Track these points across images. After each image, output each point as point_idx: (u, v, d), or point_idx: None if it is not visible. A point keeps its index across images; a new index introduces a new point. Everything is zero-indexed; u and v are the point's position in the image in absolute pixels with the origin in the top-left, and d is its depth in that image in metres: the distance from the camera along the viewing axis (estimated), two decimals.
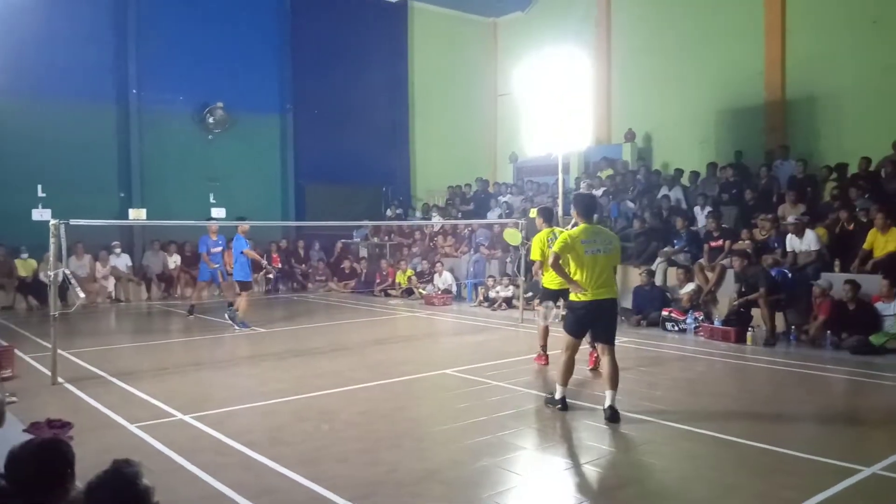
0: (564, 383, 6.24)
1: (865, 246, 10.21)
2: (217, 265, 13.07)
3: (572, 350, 6.21)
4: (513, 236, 8.59)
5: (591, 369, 8.02)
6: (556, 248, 6.08)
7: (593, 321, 6.11)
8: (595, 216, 6.37)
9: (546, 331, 8.47)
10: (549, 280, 7.91)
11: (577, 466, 4.93)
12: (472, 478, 4.65)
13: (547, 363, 8.34)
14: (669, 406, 6.44)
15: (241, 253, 11.67)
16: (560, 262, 6.02)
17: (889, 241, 9.95)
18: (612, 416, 5.86)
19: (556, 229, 8.31)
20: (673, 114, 17.23)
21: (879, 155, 12.50)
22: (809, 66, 14.79)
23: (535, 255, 8.38)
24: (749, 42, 15.63)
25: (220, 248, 13.09)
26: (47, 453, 2.58)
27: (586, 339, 6.92)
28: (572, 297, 6.11)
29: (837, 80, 14.33)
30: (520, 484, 4.57)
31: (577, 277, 6.00)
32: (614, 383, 5.99)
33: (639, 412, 6.16)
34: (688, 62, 16.87)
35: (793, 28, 15.04)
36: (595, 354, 8.17)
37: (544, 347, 8.48)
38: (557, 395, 6.25)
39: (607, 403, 5.94)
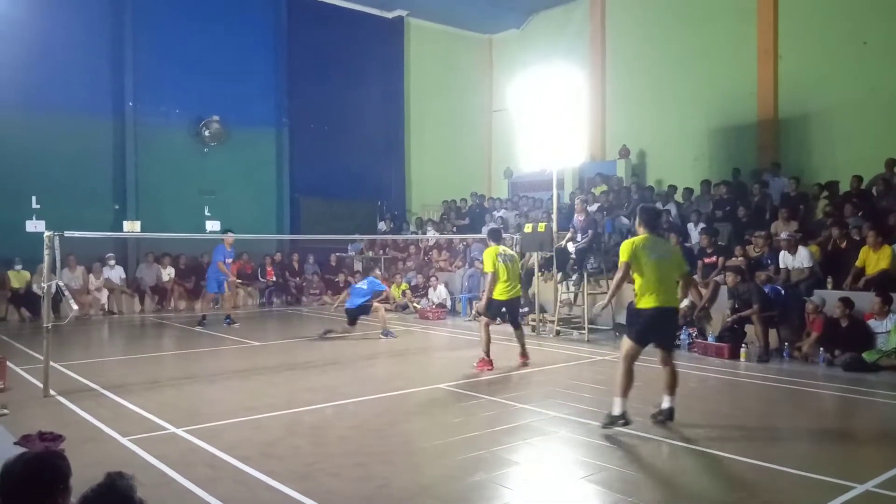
0: (625, 394, 5.93)
1: (857, 263, 10.27)
2: (225, 277, 13.22)
3: (632, 359, 6.04)
4: (488, 257, 9.01)
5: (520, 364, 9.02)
6: (623, 256, 6.03)
7: (657, 328, 6.10)
8: (658, 229, 6.52)
9: (489, 339, 8.98)
10: (499, 291, 8.89)
11: (570, 482, 4.92)
12: (465, 493, 4.63)
13: (491, 368, 8.83)
14: (662, 422, 6.42)
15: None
16: (630, 270, 6.03)
17: (881, 258, 10.02)
18: (670, 415, 6.03)
19: (502, 247, 9.25)
20: (667, 131, 17.36)
21: (870, 173, 12.62)
22: (801, 85, 14.95)
23: (488, 267, 8.94)
24: (742, 61, 15.80)
25: (231, 260, 13.22)
26: (41, 467, 2.55)
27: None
28: (637, 304, 6.13)
29: (828, 100, 14.49)
30: (513, 499, 4.55)
31: (640, 284, 6.01)
32: (674, 389, 6.06)
33: (632, 428, 6.14)
34: (681, 80, 17.03)
35: (784, 48, 15.22)
36: (524, 359, 9.13)
37: (488, 353, 8.92)
38: (616, 410, 5.90)
39: (665, 405, 6.04)
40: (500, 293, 8.94)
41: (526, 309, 13.40)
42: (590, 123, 18.53)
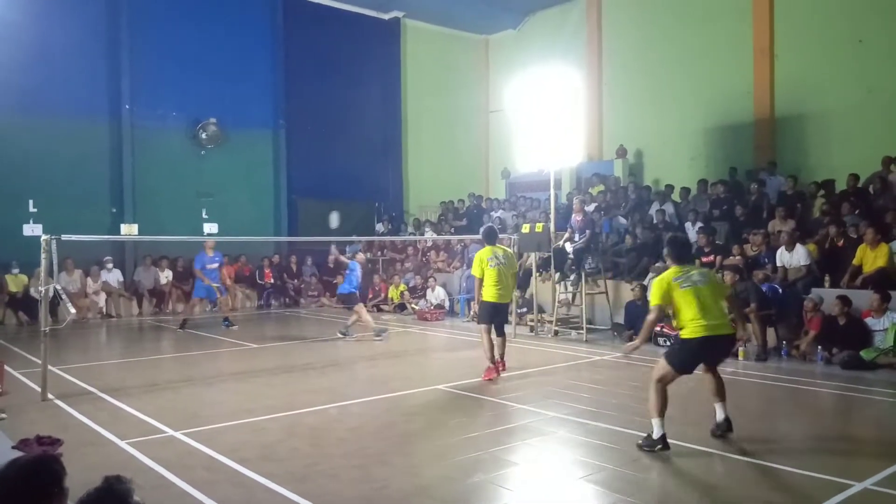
0: (661, 414, 5.51)
1: (855, 261, 10.29)
2: (214, 282, 13.14)
3: (667, 383, 5.62)
4: (476, 261, 8.78)
5: (490, 379, 8.38)
6: (654, 298, 5.74)
7: (704, 356, 5.74)
8: (687, 260, 6.12)
9: (492, 345, 8.59)
10: (490, 294, 8.55)
11: (569, 482, 4.92)
12: (464, 494, 4.63)
13: (498, 374, 8.49)
14: None
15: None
16: (665, 309, 5.72)
17: (878, 256, 10.03)
18: (728, 426, 5.77)
19: (498, 248, 8.83)
20: (664, 131, 17.37)
21: (866, 171, 12.63)
22: (797, 84, 14.97)
23: (475, 271, 8.64)
24: (738, 61, 15.82)
25: (216, 264, 13.12)
26: (35, 471, 2.55)
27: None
28: (682, 334, 5.67)
29: (825, 99, 14.51)
30: (512, 500, 4.55)
31: (682, 317, 5.61)
32: (723, 395, 5.84)
33: (630, 428, 6.15)
34: (678, 80, 17.04)
35: (781, 48, 15.24)
36: (500, 365, 8.60)
37: (492, 360, 8.56)
38: (656, 433, 5.47)
39: (720, 417, 5.80)
40: (490, 295, 8.55)
41: (524, 309, 13.42)
42: (587, 123, 18.55)
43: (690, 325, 5.56)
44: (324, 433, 6.11)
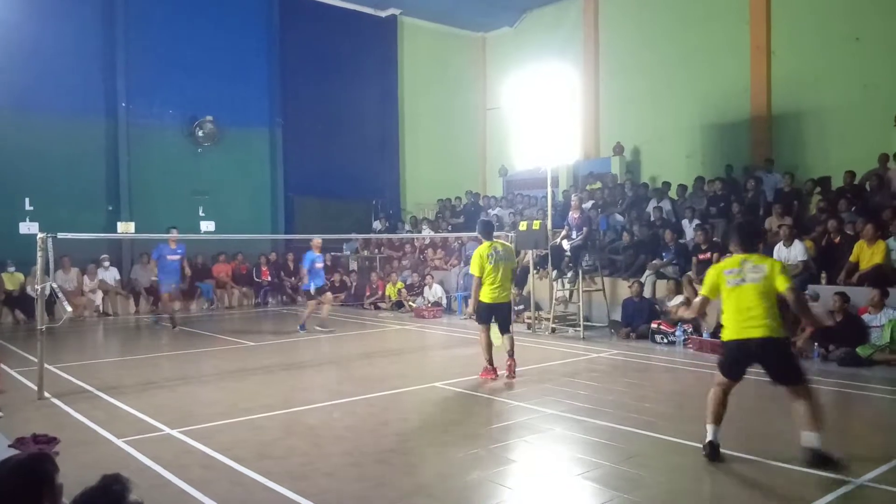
0: (713, 420, 5.23)
1: (852, 258, 10.30)
2: (174, 275, 13.08)
3: (724, 388, 5.29)
4: (475, 258, 8.35)
5: (506, 376, 8.20)
6: (703, 288, 5.40)
7: (743, 363, 5.22)
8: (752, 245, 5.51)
9: (489, 345, 8.36)
10: (485, 294, 8.26)
11: (567, 479, 4.92)
12: (462, 492, 4.63)
13: (495, 377, 8.22)
14: (658, 418, 6.44)
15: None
16: (707, 304, 5.44)
17: (875, 253, 10.05)
18: (815, 460, 4.92)
19: (497, 243, 8.58)
20: (661, 128, 17.38)
21: (862, 169, 12.65)
22: (794, 82, 14.99)
23: (474, 269, 8.32)
24: (735, 59, 15.83)
25: (178, 257, 13.04)
26: (26, 470, 2.54)
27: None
28: (722, 334, 5.37)
29: (822, 96, 14.53)
30: (510, 497, 4.55)
31: (724, 316, 5.29)
32: (813, 423, 5.02)
33: (628, 425, 6.16)
34: (675, 78, 17.05)
35: (777, 45, 15.25)
36: (510, 365, 8.24)
37: (490, 360, 8.33)
38: (709, 436, 5.20)
39: (811, 444, 4.99)
40: (485, 295, 8.27)
41: (521, 306, 13.42)
42: (584, 121, 18.51)
43: (726, 325, 5.28)
44: (321, 431, 6.11)
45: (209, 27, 17.92)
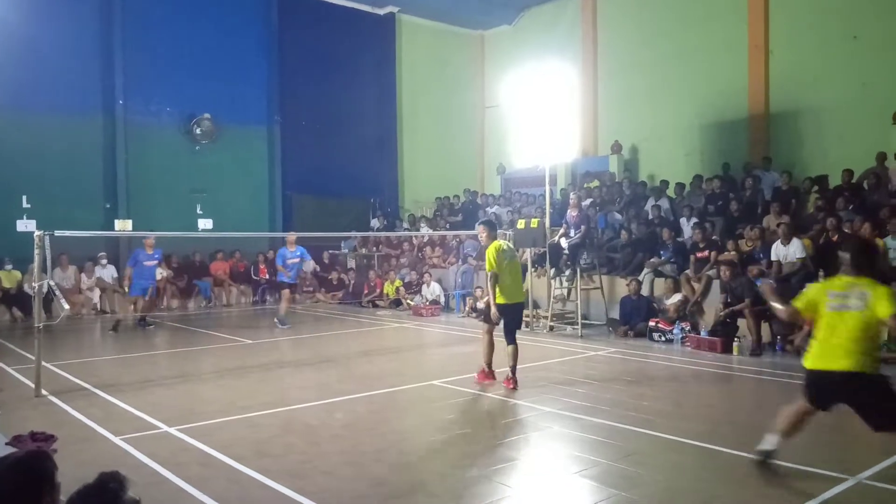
0: (781, 433, 4.85)
1: None
2: (150, 279, 12.90)
3: (805, 411, 4.82)
4: (491, 254, 7.70)
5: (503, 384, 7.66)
6: (798, 301, 4.85)
7: (826, 396, 4.70)
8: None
9: (492, 345, 7.91)
10: (504, 294, 7.69)
11: (565, 477, 4.93)
12: (460, 490, 4.63)
13: (492, 382, 7.81)
14: (656, 416, 6.45)
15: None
16: (797, 315, 4.89)
17: None
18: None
19: (502, 240, 8.22)
20: (659, 126, 17.38)
21: (860, 167, 12.66)
22: (792, 80, 14.98)
23: (491, 265, 7.66)
24: (733, 57, 15.81)
25: (154, 262, 12.88)
26: (25, 468, 2.53)
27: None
28: (805, 360, 4.79)
29: (819, 95, 14.52)
30: (508, 495, 4.56)
31: (814, 339, 4.77)
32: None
33: (626, 423, 6.17)
34: (673, 76, 17.03)
35: (775, 44, 15.25)
36: (509, 383, 7.59)
37: (490, 364, 7.92)
38: (766, 444, 4.86)
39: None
40: (509, 295, 7.74)
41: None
42: (582, 119, 18.49)
43: (810, 353, 4.74)
44: (319, 429, 6.11)
45: (207, 25, 17.88)
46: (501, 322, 7.82)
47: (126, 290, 13.27)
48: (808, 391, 4.75)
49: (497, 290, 7.67)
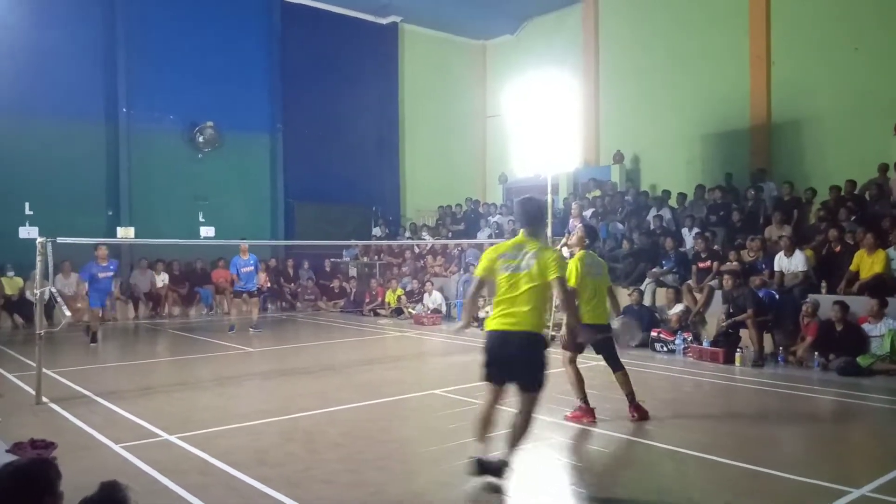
0: (478, 437, 4.88)
1: (852, 267, 10.29)
2: (107, 290, 12.46)
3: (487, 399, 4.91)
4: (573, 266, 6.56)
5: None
6: (477, 271, 4.79)
7: (503, 360, 4.72)
8: None
9: (579, 376, 6.65)
10: (585, 314, 6.54)
11: (565, 488, 4.91)
12: (460, 500, 4.61)
13: (593, 420, 6.49)
14: (657, 427, 6.42)
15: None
16: None
17: (875, 262, 10.04)
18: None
19: (589, 253, 6.99)
20: (660, 136, 17.41)
21: (862, 178, 12.66)
22: (794, 91, 15.02)
23: (573, 281, 6.42)
24: (735, 67, 15.87)
25: (110, 273, 12.42)
26: (29, 475, 2.53)
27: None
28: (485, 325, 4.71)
29: (821, 105, 14.56)
30: None
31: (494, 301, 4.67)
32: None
33: (626, 433, 6.14)
34: (675, 86, 17.08)
35: (777, 54, 15.29)
36: (632, 410, 6.55)
37: (585, 399, 6.61)
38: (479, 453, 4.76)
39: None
40: (593, 315, 6.59)
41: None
42: (584, 128, 18.57)
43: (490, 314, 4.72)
44: (319, 438, 6.08)
45: (210, 33, 17.98)
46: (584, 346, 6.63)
47: (87, 303, 12.43)
48: (486, 355, 4.76)
49: (580, 308, 6.43)
